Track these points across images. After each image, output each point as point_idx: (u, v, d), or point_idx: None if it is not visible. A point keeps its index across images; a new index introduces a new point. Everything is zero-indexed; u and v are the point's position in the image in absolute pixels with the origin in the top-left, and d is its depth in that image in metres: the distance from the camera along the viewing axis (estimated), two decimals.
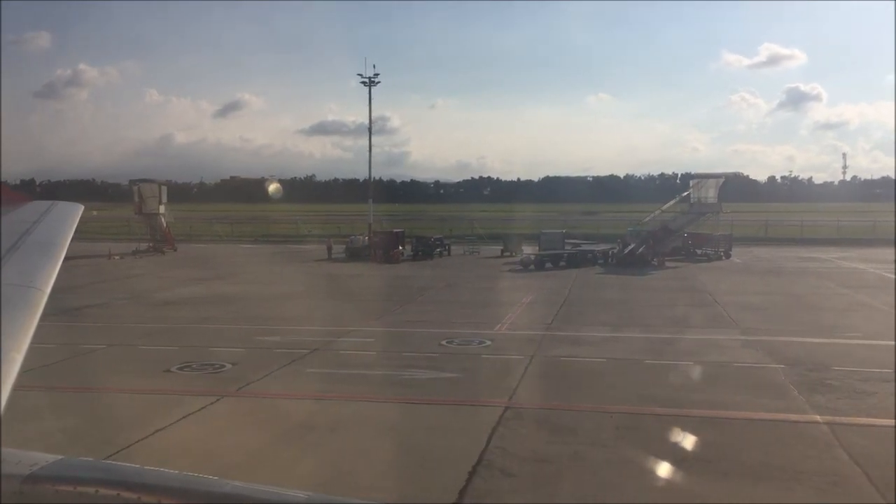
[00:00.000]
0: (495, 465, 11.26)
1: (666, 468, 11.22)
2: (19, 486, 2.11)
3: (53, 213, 5.77)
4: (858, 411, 14.08)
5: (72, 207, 6.15)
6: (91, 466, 2.33)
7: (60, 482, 2.14)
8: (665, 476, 11.01)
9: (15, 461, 2.21)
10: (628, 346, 20.30)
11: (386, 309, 26.90)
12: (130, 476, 2.24)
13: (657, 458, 11.64)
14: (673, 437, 12.67)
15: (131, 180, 56.16)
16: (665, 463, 11.42)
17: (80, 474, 2.23)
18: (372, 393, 15.63)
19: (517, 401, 14.75)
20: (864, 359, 18.28)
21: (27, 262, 4.28)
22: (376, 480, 10.68)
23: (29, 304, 3.60)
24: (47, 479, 2.15)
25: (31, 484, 2.12)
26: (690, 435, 12.69)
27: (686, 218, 46.17)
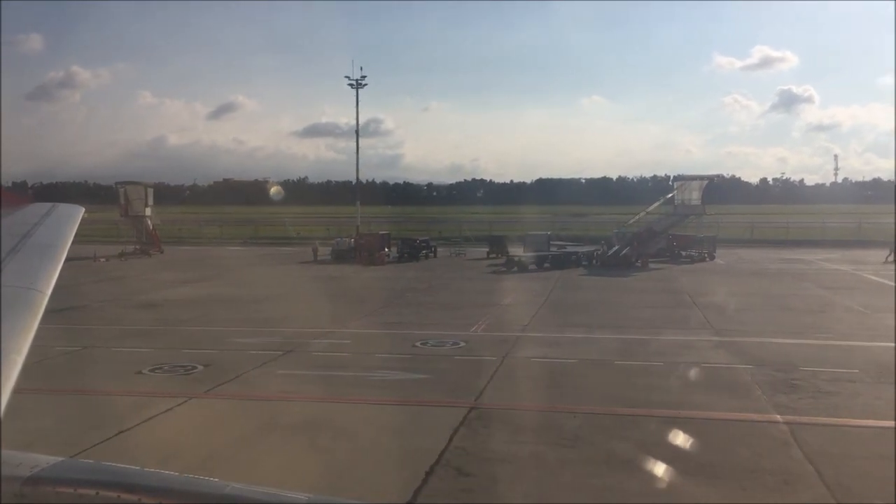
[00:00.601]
0: (453, 464, 11.36)
1: (621, 467, 11.34)
2: (20, 487, 2.11)
3: (54, 215, 5.79)
4: (819, 411, 14.23)
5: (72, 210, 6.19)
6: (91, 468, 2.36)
7: (61, 484, 2.14)
8: (619, 475, 11.13)
9: (15, 463, 2.21)
10: (601, 347, 20.43)
11: (364, 311, 27.00)
12: (130, 478, 2.24)
13: (614, 458, 11.76)
14: (632, 437, 12.78)
15: (117, 182, 56.10)
16: (621, 462, 11.55)
17: (81, 476, 2.23)
18: (340, 394, 15.70)
19: (483, 401, 14.86)
20: (832, 359, 18.45)
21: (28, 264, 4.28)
22: (332, 480, 10.76)
23: (29, 305, 3.61)
24: (48, 481, 2.14)
25: (31, 486, 2.12)
26: (650, 434, 12.85)
27: (670, 220, 46.46)
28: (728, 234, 65.57)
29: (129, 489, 2.08)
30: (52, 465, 2.23)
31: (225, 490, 2.10)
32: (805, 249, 55.89)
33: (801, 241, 61.33)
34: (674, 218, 46.48)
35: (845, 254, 52.02)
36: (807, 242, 60.80)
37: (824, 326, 23.28)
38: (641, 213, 48.76)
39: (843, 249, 55.48)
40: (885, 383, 16.17)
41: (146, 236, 53.16)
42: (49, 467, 2.21)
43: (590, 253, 44.24)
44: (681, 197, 47.01)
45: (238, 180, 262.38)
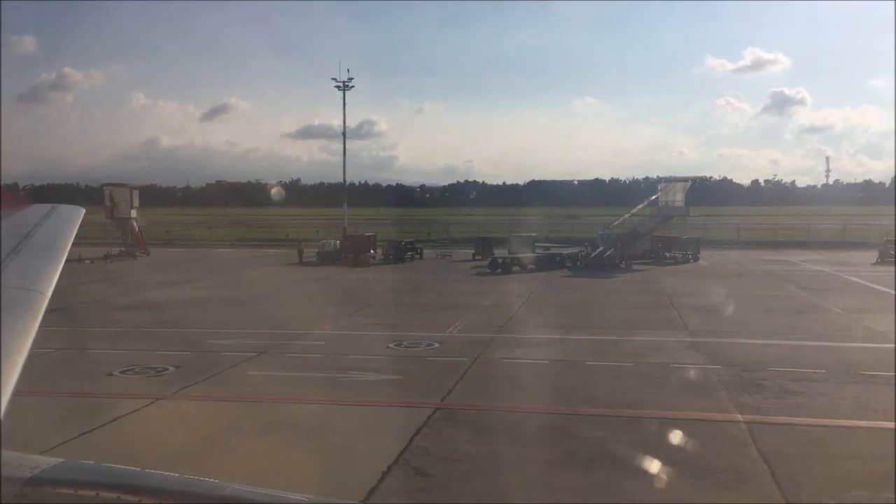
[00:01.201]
0: (411, 464, 11.45)
1: (578, 467, 11.45)
2: (20, 489, 2.11)
3: (54, 216, 5.80)
4: (780, 411, 14.36)
5: (73, 211, 6.20)
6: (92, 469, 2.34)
7: (61, 485, 2.15)
8: (575, 474, 11.23)
9: (16, 464, 2.21)
10: (574, 347, 20.54)
11: (344, 312, 27.05)
12: (131, 479, 2.24)
13: (572, 457, 11.88)
14: (593, 437, 12.89)
15: (103, 184, 56.10)
16: (578, 461, 11.66)
17: (81, 477, 2.23)
18: (309, 395, 15.76)
19: (449, 402, 14.95)
20: (802, 360, 18.59)
21: (28, 265, 4.27)
22: (289, 480, 10.82)
23: (30, 307, 3.59)
24: (48, 483, 2.15)
25: (32, 487, 2.12)
26: (610, 434, 12.96)
27: (654, 221, 46.69)
28: (716, 235, 65.95)
29: (130, 490, 2.09)
30: (53, 466, 2.23)
31: (225, 491, 2.11)
32: (791, 251, 56.17)
33: (787, 243, 61.63)
34: (658, 219, 46.73)
35: (830, 255, 52.31)
36: (793, 244, 61.09)
37: (798, 327, 23.47)
38: (626, 215, 49.00)
39: (829, 251, 55.78)
40: (850, 383, 16.35)
41: (132, 238, 53.10)
42: (50, 468, 2.21)
43: (574, 254, 44.41)
44: (665, 198, 47.25)
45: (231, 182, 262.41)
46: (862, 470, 11.29)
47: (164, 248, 62.19)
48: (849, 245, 58.82)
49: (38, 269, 4.18)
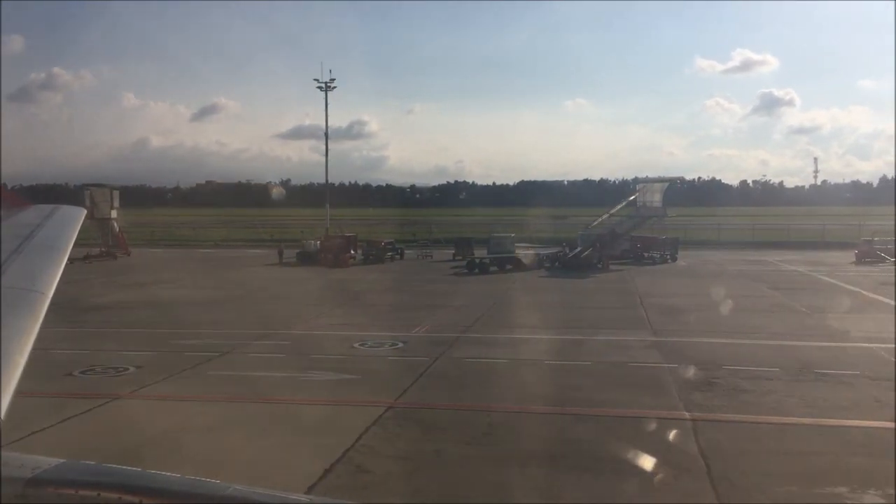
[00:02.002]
0: (354, 462, 11.58)
1: (519, 464, 11.62)
2: (22, 489, 2.11)
3: (56, 216, 5.80)
4: (727, 408, 14.57)
5: (74, 211, 6.22)
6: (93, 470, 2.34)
7: (62, 485, 2.15)
8: (515, 471, 11.39)
9: (17, 464, 2.21)
10: (537, 347, 20.72)
11: (315, 312, 27.18)
12: (132, 479, 2.25)
13: (515, 455, 12.04)
14: (538, 434, 13.06)
15: (84, 185, 56.01)
16: (520, 459, 11.83)
17: (82, 478, 2.23)
18: (263, 394, 15.86)
19: (403, 401, 15.09)
20: (758, 359, 18.80)
21: (29, 265, 4.26)
22: (228, 478, 10.92)
23: (31, 307, 3.59)
24: (49, 483, 2.15)
25: (33, 487, 2.12)
26: (556, 432, 13.13)
27: (632, 222, 46.97)
28: (697, 236, 66.40)
29: (131, 491, 2.10)
30: (54, 466, 2.23)
31: (227, 491, 2.11)
32: (771, 251, 56.60)
33: (769, 243, 62.08)
34: (635, 220, 47.02)
35: (808, 256, 52.75)
36: (774, 244, 61.55)
37: (761, 326, 23.72)
38: (604, 216, 49.27)
39: (808, 251, 56.26)
40: (801, 381, 16.60)
41: (112, 239, 53.00)
42: (51, 469, 2.21)
43: (552, 255, 44.61)
44: (642, 199, 47.53)
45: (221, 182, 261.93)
46: (798, 466, 11.49)
47: (147, 249, 62.11)
48: (829, 245, 59.28)
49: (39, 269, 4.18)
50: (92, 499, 2.08)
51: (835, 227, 70.76)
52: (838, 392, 15.73)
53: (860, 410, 14.37)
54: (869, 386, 16.13)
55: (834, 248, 56.50)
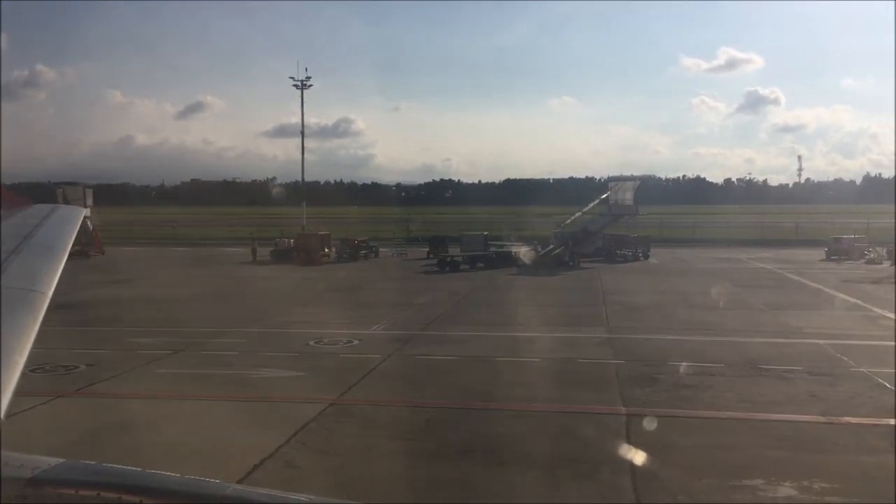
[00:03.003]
0: (284, 458, 11.71)
1: (446, 458, 11.78)
2: (21, 489, 2.11)
3: (55, 216, 5.82)
4: (665, 403, 14.81)
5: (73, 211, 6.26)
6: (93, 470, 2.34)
7: (62, 485, 2.15)
8: (442, 466, 11.55)
9: (17, 465, 2.20)
10: (490, 344, 20.89)
11: (277, 310, 27.25)
12: (132, 479, 2.24)
13: (445, 450, 12.20)
14: (472, 430, 13.24)
15: (56, 183, 55.78)
16: (449, 454, 11.99)
17: (82, 477, 2.23)
18: (209, 391, 15.95)
19: (346, 398, 15.23)
20: (706, 355, 19.06)
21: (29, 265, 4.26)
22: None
23: (30, 307, 3.59)
24: (49, 483, 2.15)
25: (33, 487, 2.12)
26: (490, 427, 13.32)
27: (604, 220, 47.30)
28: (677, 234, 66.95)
29: (131, 490, 2.09)
30: (54, 466, 2.23)
31: (226, 491, 2.12)
32: (745, 249, 57.13)
33: (744, 241, 62.60)
34: (607, 218, 47.36)
35: (780, 253, 53.33)
36: (750, 242, 62.10)
37: (717, 323, 24.07)
38: (577, 214, 49.58)
39: (782, 249, 56.87)
40: (742, 377, 16.89)
41: (86, 237, 52.69)
42: (51, 469, 2.21)
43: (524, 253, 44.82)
44: (615, 198, 47.87)
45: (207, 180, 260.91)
46: (721, 459, 11.71)
47: (123, 248, 61.80)
48: (804, 243, 59.92)
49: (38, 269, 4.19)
50: (92, 499, 2.08)
51: (811, 225, 71.57)
52: (776, 387, 16.03)
53: (793, 405, 14.66)
54: (808, 381, 16.42)
55: (808, 246, 57.11)
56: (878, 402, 14.84)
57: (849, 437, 12.77)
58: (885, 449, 12.12)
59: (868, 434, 12.93)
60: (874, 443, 12.48)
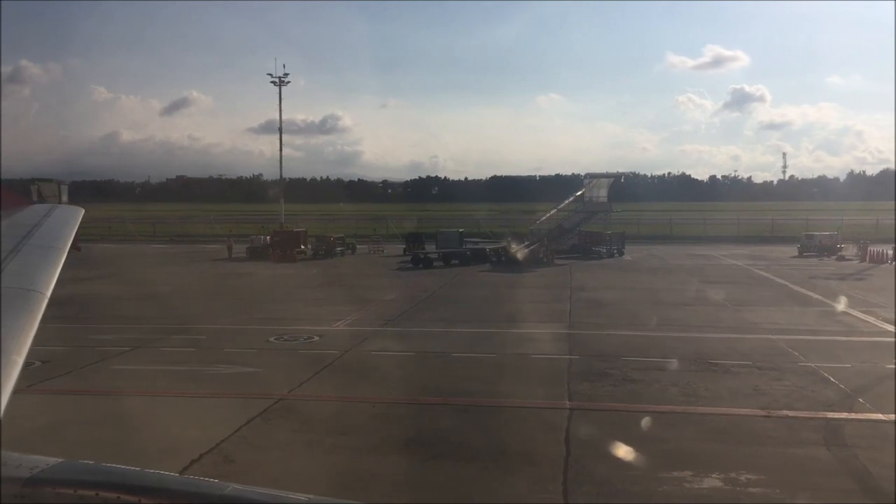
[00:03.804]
0: (224, 452, 11.81)
1: (382, 452, 11.91)
2: (20, 489, 2.11)
3: (54, 216, 5.81)
4: (609, 398, 15.02)
5: (72, 211, 6.23)
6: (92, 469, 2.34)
7: (61, 485, 2.15)
8: (376, 459, 11.67)
9: (16, 464, 2.21)
10: (449, 340, 21.01)
11: (243, 307, 27.28)
12: (131, 479, 2.25)
13: (383, 444, 12.33)
14: (414, 424, 13.38)
15: (31, 179, 55.43)
16: (385, 448, 12.13)
17: (81, 477, 2.23)
18: (161, 388, 16.01)
19: (295, 393, 15.34)
20: (660, 350, 19.33)
21: (28, 265, 4.26)
22: None
23: (29, 307, 3.59)
24: (48, 482, 2.15)
25: (31, 487, 2.12)
26: (433, 422, 13.47)
27: (579, 216, 47.58)
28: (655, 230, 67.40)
29: (130, 490, 2.09)
30: (53, 466, 2.23)
31: (225, 491, 2.12)
32: (720, 245, 57.62)
33: (720, 238, 63.16)
34: (582, 215, 47.64)
35: (753, 250, 53.85)
36: (726, 238, 62.65)
37: (677, 319, 24.32)
38: (553, 211, 49.84)
39: (756, 245, 57.43)
40: (690, 371, 17.13)
41: None
42: (49, 468, 2.21)
43: (498, 249, 45.06)
44: (589, 195, 48.16)
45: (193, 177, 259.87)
46: (653, 451, 11.86)
47: (100, 245, 61.54)
48: (780, 240, 60.53)
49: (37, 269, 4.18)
50: (91, 498, 2.08)
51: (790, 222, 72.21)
52: (721, 381, 16.27)
53: (734, 399, 14.90)
54: (754, 375, 16.69)
55: (784, 243, 57.68)
56: (819, 395, 15.12)
57: (783, 430, 13.01)
58: (817, 441, 12.41)
59: (802, 427, 13.18)
60: (807, 435, 12.74)
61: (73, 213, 6.12)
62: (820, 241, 49.59)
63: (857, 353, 19.05)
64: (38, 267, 4.23)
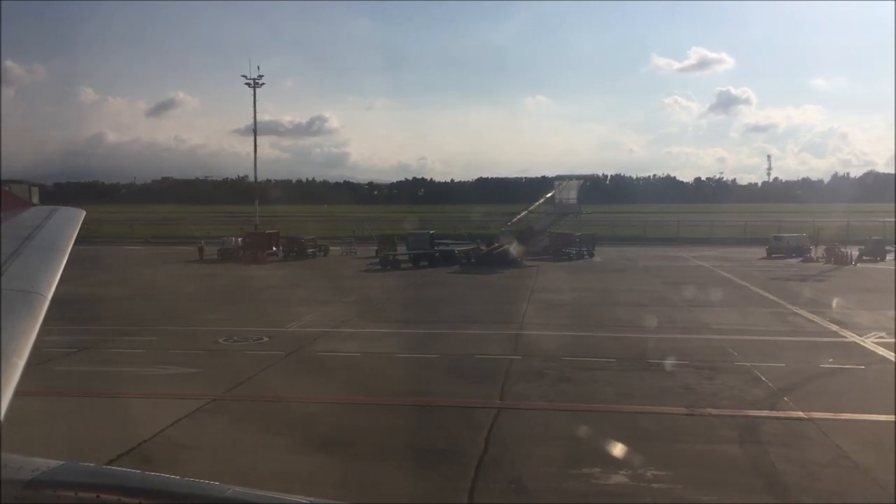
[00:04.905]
0: (143, 451, 11.90)
1: (305, 451, 12.05)
2: (21, 491, 2.10)
3: (55, 218, 5.85)
4: (540, 397, 15.26)
5: (74, 213, 6.26)
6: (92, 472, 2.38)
7: (62, 487, 2.14)
8: (297, 457, 11.78)
9: (17, 466, 2.20)
10: (397, 341, 21.16)
11: (201, 309, 27.31)
12: (131, 481, 2.26)
13: (307, 442, 12.47)
14: (341, 424, 13.52)
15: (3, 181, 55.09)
16: (310, 446, 12.26)
17: (82, 479, 2.24)
18: (97, 389, 16.06)
19: (231, 393, 15.44)
20: (604, 350, 19.57)
21: (29, 266, 4.27)
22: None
23: (31, 308, 3.59)
24: (49, 485, 2.14)
25: (32, 489, 2.11)
26: (363, 421, 13.63)
27: (549, 218, 47.85)
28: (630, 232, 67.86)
29: (130, 493, 2.09)
30: (54, 468, 2.22)
31: (226, 493, 2.12)
32: (692, 247, 58.10)
33: (694, 239, 63.67)
34: (552, 216, 47.92)
35: (724, 251, 54.36)
36: (699, 240, 63.17)
37: (629, 320, 24.61)
38: (523, 212, 50.11)
39: (727, 247, 57.96)
40: (627, 371, 17.41)
41: None
42: (50, 471, 2.20)
43: (467, 251, 45.28)
44: (559, 196, 48.46)
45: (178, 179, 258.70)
46: (571, 449, 12.10)
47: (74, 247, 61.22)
48: (751, 241, 61.04)
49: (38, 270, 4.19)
50: (91, 500, 2.07)
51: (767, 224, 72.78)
52: (655, 381, 16.53)
53: (663, 398, 15.13)
54: (688, 375, 16.94)
55: (756, 245, 58.14)
56: (745, 394, 15.40)
57: (702, 428, 13.28)
58: (731, 439, 12.66)
59: (722, 425, 13.43)
60: (724, 433, 12.99)
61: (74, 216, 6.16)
62: (788, 243, 50.23)
63: (795, 352, 19.38)
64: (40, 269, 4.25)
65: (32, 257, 4.49)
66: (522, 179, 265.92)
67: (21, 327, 3.31)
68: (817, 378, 16.84)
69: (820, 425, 13.20)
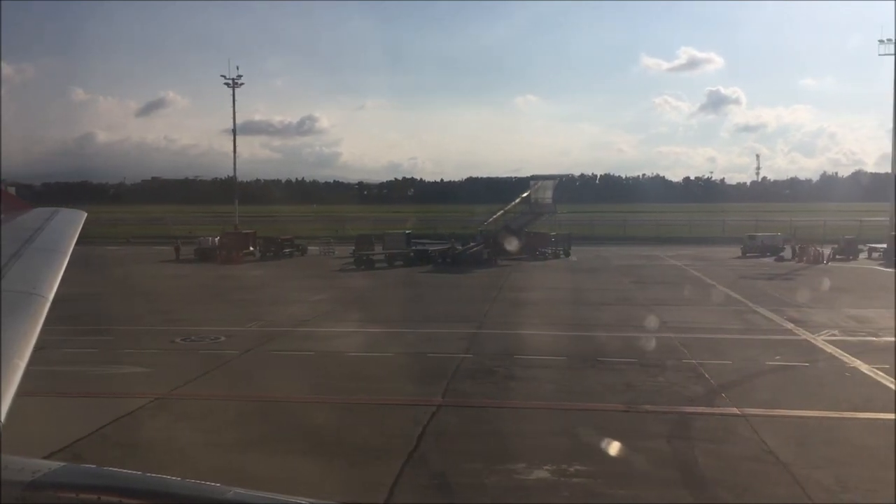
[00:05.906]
0: (74, 451, 11.96)
1: (242, 447, 12.16)
2: (21, 492, 2.10)
3: (56, 219, 5.86)
4: (483, 395, 15.41)
5: (75, 214, 6.28)
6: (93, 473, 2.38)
7: (62, 489, 2.14)
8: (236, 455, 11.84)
9: (17, 468, 2.20)
10: (354, 340, 21.25)
11: (165, 308, 27.35)
12: (132, 483, 2.25)
13: (247, 440, 12.57)
14: (283, 421, 13.63)
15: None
16: (248, 444, 12.36)
17: (83, 481, 2.24)
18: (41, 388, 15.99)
19: (177, 392, 15.54)
20: (556, 348, 19.75)
21: (30, 268, 4.28)
22: None
23: (31, 310, 3.60)
24: (49, 486, 2.14)
25: (33, 490, 2.11)
26: (302, 419, 13.74)
27: (525, 218, 48.03)
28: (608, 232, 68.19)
29: (131, 494, 2.11)
30: (54, 469, 2.23)
31: (227, 495, 2.12)
32: (669, 246, 58.45)
33: (672, 238, 64.06)
34: (528, 216, 48.12)
35: (700, 251, 54.69)
36: (676, 239, 63.56)
37: (590, 318, 24.81)
38: (499, 212, 50.28)
39: (704, 247, 58.32)
40: (574, 369, 17.59)
41: None
42: (51, 472, 2.20)
43: (442, 251, 45.45)
44: (535, 196, 48.66)
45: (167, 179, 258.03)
46: (500, 445, 12.23)
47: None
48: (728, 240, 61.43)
49: (39, 272, 4.21)
50: (92, 502, 2.07)
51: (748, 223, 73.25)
52: (600, 378, 16.71)
53: (603, 395, 15.31)
54: (634, 373, 17.13)
55: (733, 244, 58.51)
56: (686, 391, 15.60)
57: (636, 425, 13.46)
58: (661, 435, 12.84)
59: (656, 421, 13.62)
60: (656, 429, 13.16)
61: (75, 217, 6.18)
62: (763, 242, 50.62)
63: (744, 350, 19.61)
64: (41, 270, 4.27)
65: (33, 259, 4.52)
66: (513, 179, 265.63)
67: (22, 329, 3.34)
68: (760, 375, 17.07)
69: (751, 421, 13.40)
